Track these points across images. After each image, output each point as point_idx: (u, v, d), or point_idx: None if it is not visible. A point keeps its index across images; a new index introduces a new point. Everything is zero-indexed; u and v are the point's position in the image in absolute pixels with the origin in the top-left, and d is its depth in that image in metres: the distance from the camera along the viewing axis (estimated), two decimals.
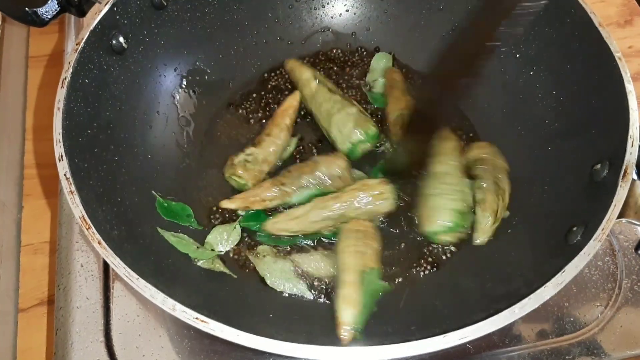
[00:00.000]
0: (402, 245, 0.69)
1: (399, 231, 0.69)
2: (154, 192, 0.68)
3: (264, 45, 0.82)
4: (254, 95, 0.80)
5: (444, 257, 0.68)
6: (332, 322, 0.59)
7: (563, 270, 0.51)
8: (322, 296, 0.65)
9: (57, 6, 0.64)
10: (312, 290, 0.65)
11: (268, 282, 0.65)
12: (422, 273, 0.67)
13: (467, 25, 0.66)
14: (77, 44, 0.62)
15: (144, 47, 0.71)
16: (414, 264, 0.67)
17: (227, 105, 0.79)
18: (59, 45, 0.93)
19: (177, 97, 0.76)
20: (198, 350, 0.63)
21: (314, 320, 0.63)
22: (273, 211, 0.70)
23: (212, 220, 0.70)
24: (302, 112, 0.78)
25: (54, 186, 0.78)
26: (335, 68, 0.83)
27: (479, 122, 0.77)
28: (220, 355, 0.62)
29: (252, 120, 0.78)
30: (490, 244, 0.67)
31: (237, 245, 0.68)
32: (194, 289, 0.61)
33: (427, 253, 0.68)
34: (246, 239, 0.69)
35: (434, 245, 0.68)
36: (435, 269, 0.67)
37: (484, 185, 0.68)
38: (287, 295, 0.65)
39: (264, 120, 0.78)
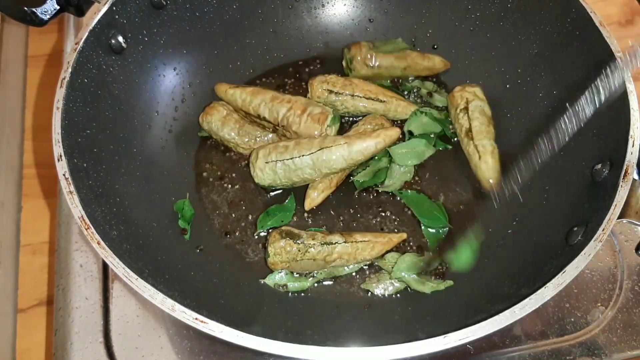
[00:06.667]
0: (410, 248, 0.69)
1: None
2: None
3: (263, 45, 0.82)
4: None
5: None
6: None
7: (564, 270, 0.51)
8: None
9: (56, 6, 0.64)
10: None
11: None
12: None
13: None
14: (76, 44, 0.62)
15: (143, 46, 0.71)
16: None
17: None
18: (58, 45, 0.93)
19: (176, 97, 0.76)
20: (198, 351, 0.62)
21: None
22: None
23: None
24: None
25: (53, 186, 0.78)
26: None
27: None
28: (219, 355, 0.62)
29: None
30: (491, 244, 0.67)
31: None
32: (193, 289, 0.61)
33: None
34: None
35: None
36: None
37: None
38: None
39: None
